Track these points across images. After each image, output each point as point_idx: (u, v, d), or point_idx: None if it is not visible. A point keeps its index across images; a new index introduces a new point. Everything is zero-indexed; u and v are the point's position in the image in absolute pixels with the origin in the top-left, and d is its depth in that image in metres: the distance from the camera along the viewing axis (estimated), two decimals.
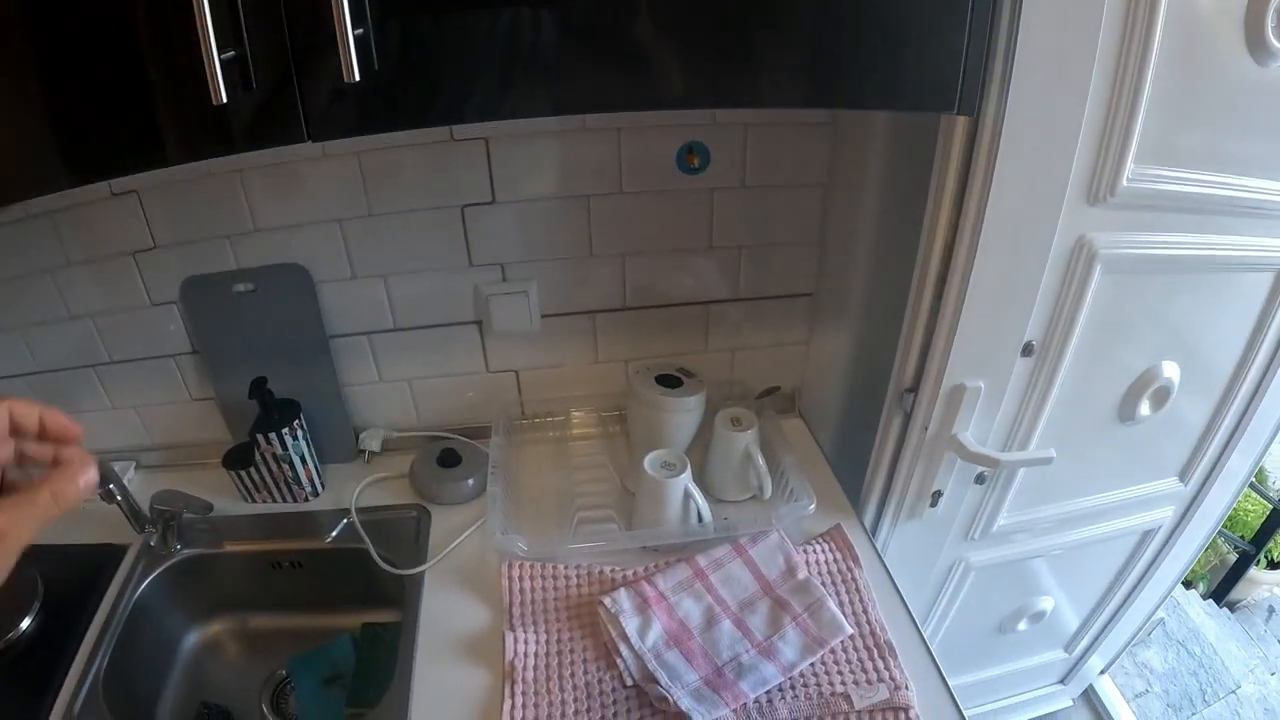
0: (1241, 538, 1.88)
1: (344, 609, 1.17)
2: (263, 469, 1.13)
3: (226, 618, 1.20)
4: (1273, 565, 1.93)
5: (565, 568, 1.01)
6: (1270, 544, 1.82)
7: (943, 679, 0.93)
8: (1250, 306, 1.08)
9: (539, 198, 1.04)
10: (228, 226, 1.08)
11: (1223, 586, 1.89)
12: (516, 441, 1.18)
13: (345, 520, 1.12)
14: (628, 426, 1.15)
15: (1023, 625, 1.35)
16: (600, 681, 0.94)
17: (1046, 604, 1.33)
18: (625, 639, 0.95)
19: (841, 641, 0.95)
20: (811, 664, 0.95)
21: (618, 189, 1.04)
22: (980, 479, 1.12)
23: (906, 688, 0.92)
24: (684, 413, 1.03)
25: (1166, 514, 1.34)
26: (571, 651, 0.96)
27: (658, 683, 0.92)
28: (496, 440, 1.10)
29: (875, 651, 0.96)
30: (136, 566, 1.13)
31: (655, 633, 0.96)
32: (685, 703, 0.90)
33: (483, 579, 1.02)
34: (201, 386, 1.21)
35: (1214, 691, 1.61)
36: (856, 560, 1.04)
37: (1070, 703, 1.53)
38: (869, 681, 0.94)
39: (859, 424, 1.16)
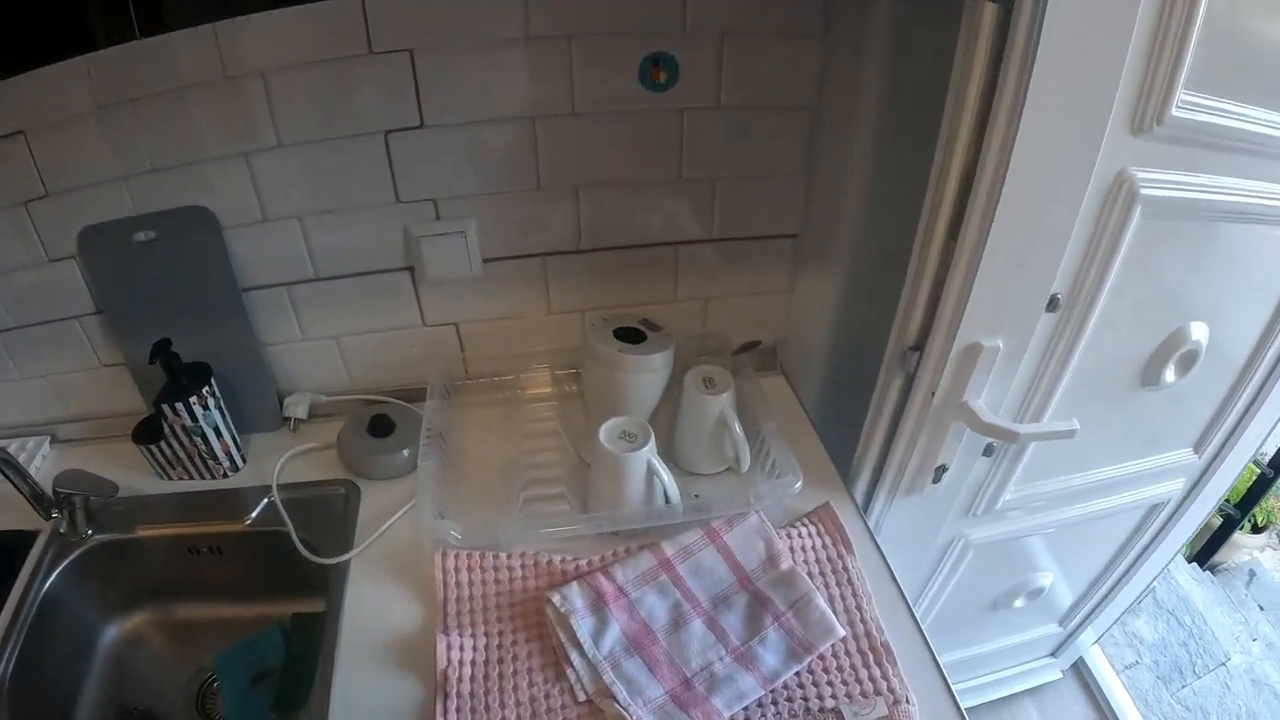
0: (1228, 501, 1.64)
1: (273, 597, 0.91)
2: (173, 443, 0.87)
3: (149, 608, 0.94)
4: (1256, 529, 1.68)
5: (509, 557, 0.74)
6: (1255, 509, 1.58)
7: (949, 690, 0.68)
8: None
9: (476, 120, 0.76)
10: (123, 166, 0.79)
11: (1205, 550, 1.65)
12: (458, 404, 0.91)
13: (266, 499, 0.85)
14: (584, 388, 0.88)
15: (1019, 602, 1.11)
16: (548, 696, 0.68)
17: (1045, 580, 1.08)
18: (577, 644, 0.69)
19: (832, 646, 0.70)
20: (797, 673, 0.69)
21: (569, 109, 0.76)
22: (988, 451, 0.86)
23: (908, 700, 0.67)
24: (647, 372, 0.77)
25: (1176, 486, 1.08)
26: (514, 659, 0.70)
27: (615, 699, 0.67)
28: (432, 404, 0.83)
29: (871, 656, 0.71)
30: (45, 555, 0.87)
31: (612, 636, 0.70)
32: None
33: (416, 569, 0.76)
34: (110, 350, 0.93)
35: (1204, 664, 1.38)
36: (848, 546, 0.78)
37: (1060, 675, 1.30)
38: (864, 694, 0.69)
39: (850, 384, 0.90)
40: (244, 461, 0.90)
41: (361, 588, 0.76)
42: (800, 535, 0.78)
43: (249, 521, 0.85)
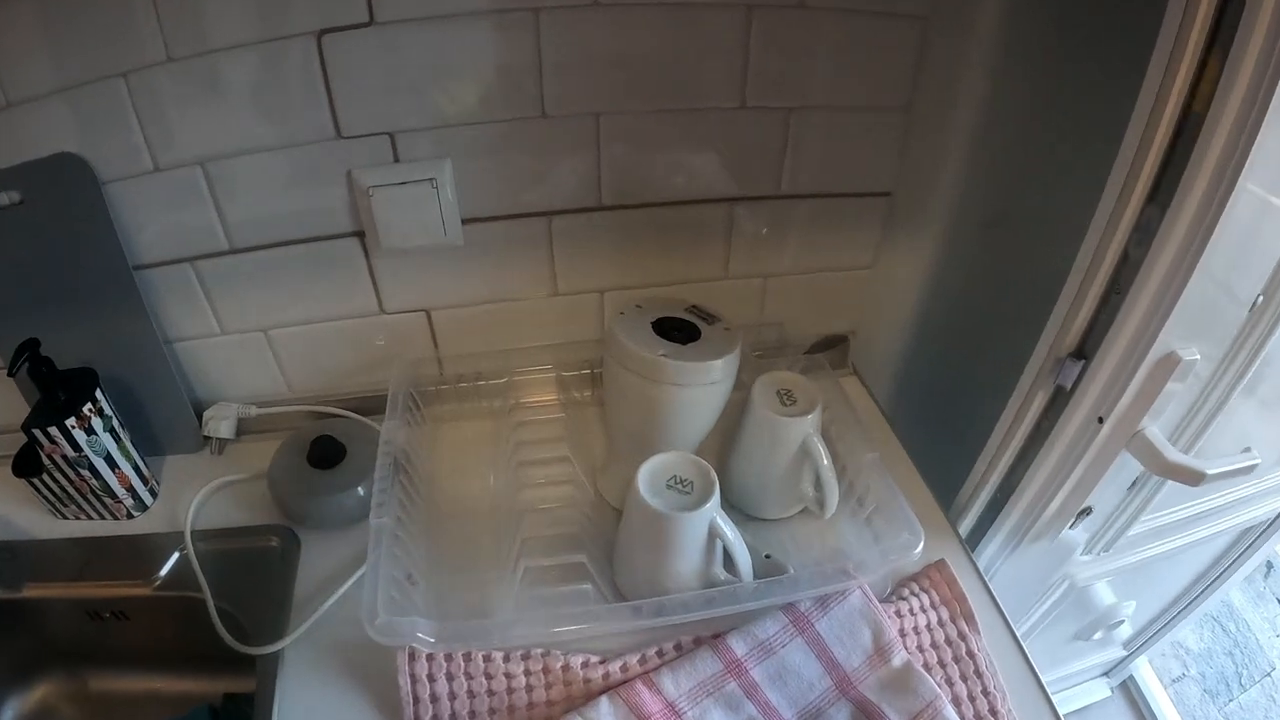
0: None
1: (200, 671, 0.59)
2: (58, 476, 0.54)
3: (56, 677, 0.61)
4: None
5: (506, 659, 0.42)
6: None
7: None
8: None
9: (450, 13, 0.42)
10: None
11: None
12: (429, 418, 0.57)
13: (178, 551, 0.53)
14: (603, 397, 0.53)
15: (1099, 634, 0.83)
16: None
17: (1129, 610, 0.79)
18: None
19: None
20: None
21: (571, 3, 0.43)
22: (1132, 484, 0.57)
23: None
24: (703, 385, 0.44)
25: (1276, 506, 0.81)
26: None
27: None
28: (392, 424, 0.49)
29: None
30: None
31: None
32: None
33: (374, 664, 0.44)
34: None
35: (1250, 674, 1.10)
36: (970, 620, 0.46)
37: (1110, 692, 1.03)
38: None
39: (949, 392, 0.60)
40: (154, 497, 0.57)
41: (300, 690, 0.44)
42: (910, 609, 0.47)
43: (157, 582, 0.53)
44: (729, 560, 0.45)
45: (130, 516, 0.57)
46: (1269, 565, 1.33)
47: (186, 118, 0.47)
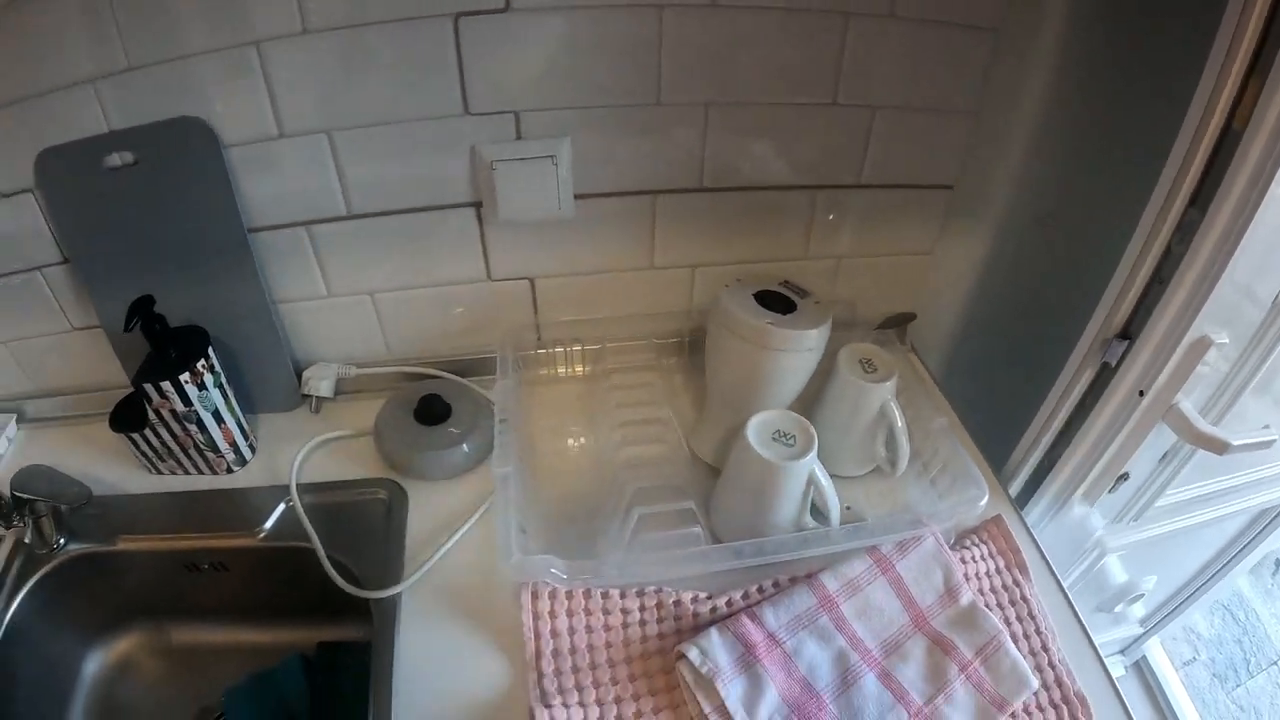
0: None
1: (292, 621, 0.64)
2: (161, 432, 0.58)
3: (138, 631, 0.66)
4: None
5: (622, 595, 0.49)
6: None
7: None
8: None
9: (581, 4, 0.47)
10: (90, 65, 0.49)
11: None
12: (527, 381, 0.63)
13: (284, 504, 0.58)
14: (702, 363, 0.59)
15: (1120, 607, 0.92)
16: None
17: (1149, 585, 0.89)
18: (725, 716, 0.45)
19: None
20: None
21: (706, 1, 0.49)
22: (1164, 455, 0.65)
23: None
24: (801, 351, 0.51)
25: None
26: None
27: None
28: (504, 384, 0.55)
29: (1065, 710, 0.48)
30: (7, 573, 0.58)
31: (770, 702, 0.46)
32: None
33: (491, 605, 0.50)
34: (82, 310, 0.63)
35: (1257, 662, 1.21)
36: (1024, 570, 0.54)
37: (1124, 671, 1.12)
38: None
39: (999, 369, 0.67)
40: (253, 452, 0.61)
41: (417, 631, 0.50)
42: (973, 559, 0.54)
43: (262, 534, 0.58)
44: (814, 509, 0.52)
45: (230, 471, 0.61)
46: (1278, 563, 1.45)
47: (321, 89, 0.51)
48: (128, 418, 0.60)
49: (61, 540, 0.60)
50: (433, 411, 0.57)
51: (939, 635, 0.50)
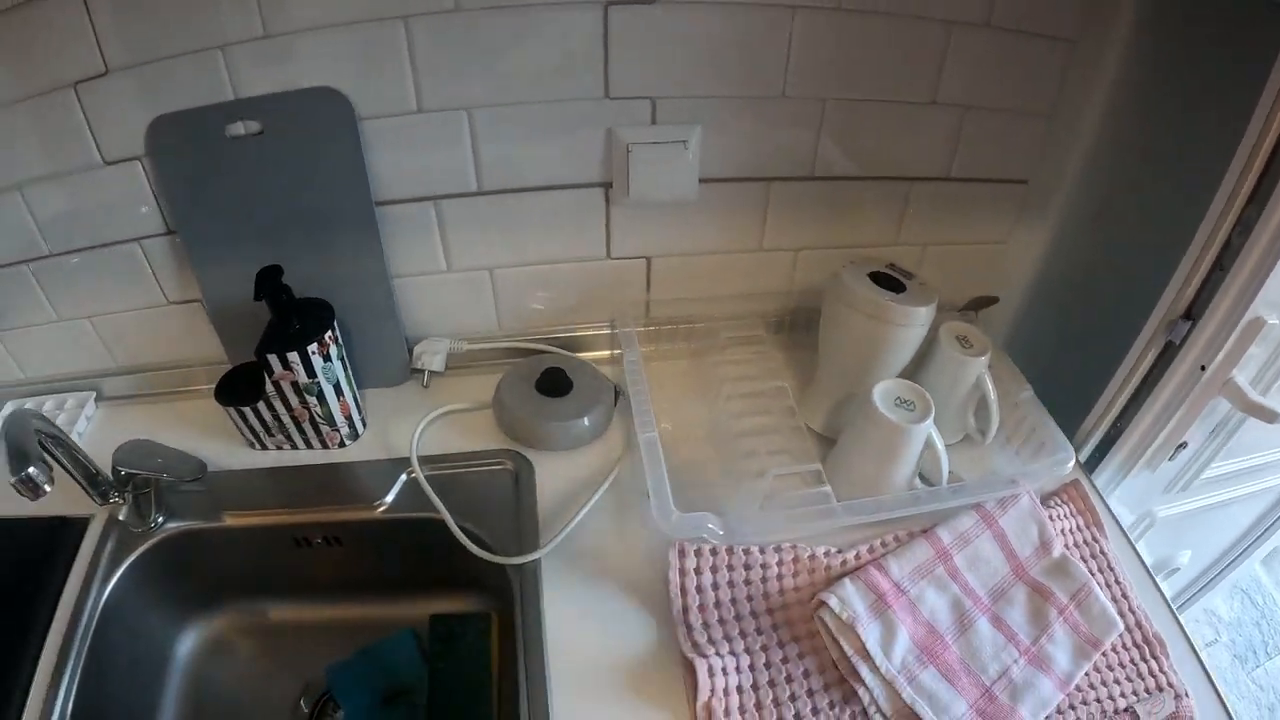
0: None
1: (396, 595, 0.66)
2: (277, 404, 0.59)
3: (231, 610, 0.67)
4: None
5: (761, 550, 0.54)
6: None
7: (1211, 682, 0.55)
8: None
9: (726, 0, 0.53)
10: (220, 31, 0.52)
11: None
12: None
13: (405, 476, 0.60)
14: (801, 339, 0.67)
15: (1158, 579, 1.01)
16: None
17: (1184, 559, 0.99)
18: (867, 657, 0.50)
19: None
20: (1085, 672, 0.55)
21: (835, 3, 0.54)
22: (1216, 426, 0.74)
23: (1186, 695, 0.53)
24: (914, 327, 0.57)
25: None
26: (788, 680, 0.50)
27: (919, 719, 0.51)
28: (631, 359, 0.60)
29: (1146, 650, 0.56)
30: (102, 551, 0.59)
31: (902, 644, 0.52)
32: None
33: (627, 565, 0.54)
34: (182, 283, 0.64)
35: (1275, 644, 1.32)
36: (1100, 527, 0.62)
37: None
38: (1148, 690, 0.56)
39: (1065, 347, 0.75)
40: (364, 426, 0.64)
41: (559, 595, 0.53)
42: (1058, 518, 0.62)
43: (383, 507, 0.60)
44: (921, 475, 0.58)
45: (342, 445, 0.63)
46: None
47: (465, 67, 0.54)
48: (236, 391, 0.61)
49: (160, 518, 0.61)
50: (556, 385, 0.61)
51: (1037, 583, 0.57)
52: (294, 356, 0.56)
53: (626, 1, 0.52)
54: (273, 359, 0.56)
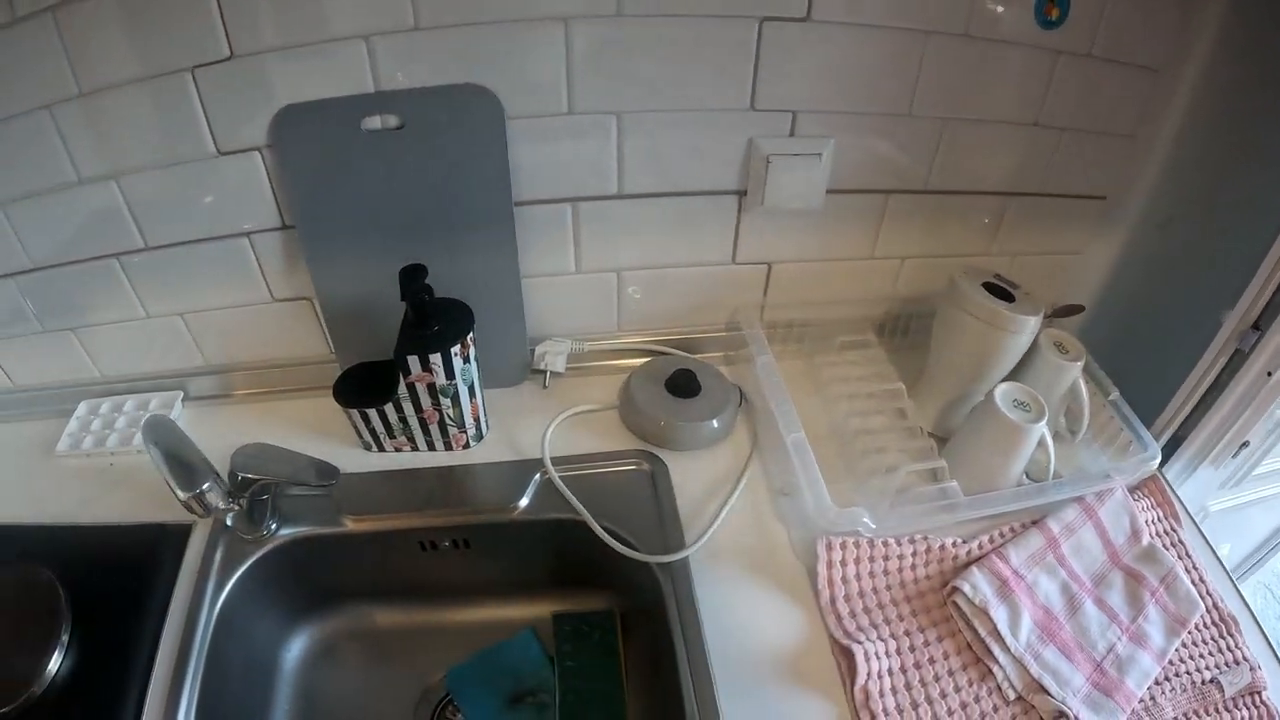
0: None
1: (512, 596, 0.71)
2: (407, 406, 0.64)
3: (345, 614, 0.71)
4: None
5: (897, 542, 0.62)
6: None
7: (1276, 655, 0.68)
8: None
9: (867, 23, 0.60)
10: (369, 20, 0.55)
11: None
12: (751, 358, 0.73)
13: (538, 477, 0.66)
14: (906, 342, 0.76)
15: None
16: (977, 699, 0.58)
17: (1224, 551, 1.13)
18: (998, 637, 0.59)
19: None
20: (1175, 648, 0.67)
21: (963, 30, 0.62)
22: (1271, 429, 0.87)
23: (1259, 667, 0.65)
24: (1025, 334, 0.66)
25: None
26: (931, 661, 0.59)
27: (1047, 692, 0.59)
28: (764, 361, 0.67)
29: (1223, 628, 0.67)
30: (212, 559, 0.62)
31: (1026, 625, 0.61)
32: (1087, 716, 0.58)
33: (765, 560, 0.62)
34: (291, 280, 0.68)
35: None
36: (1177, 518, 0.73)
37: None
38: (1227, 664, 0.67)
39: (1136, 351, 0.85)
40: (488, 428, 0.69)
41: (707, 590, 0.59)
42: (1141, 509, 0.73)
43: (516, 510, 0.65)
44: (1027, 471, 0.67)
45: (467, 446, 0.67)
46: None
47: (620, 71, 0.60)
48: (364, 392, 0.64)
49: (274, 525, 0.63)
50: (686, 386, 0.68)
51: (1131, 569, 0.67)
52: (436, 358, 0.60)
53: (780, 18, 0.59)
54: (413, 360, 0.60)
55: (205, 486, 0.50)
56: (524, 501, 0.64)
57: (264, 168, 0.63)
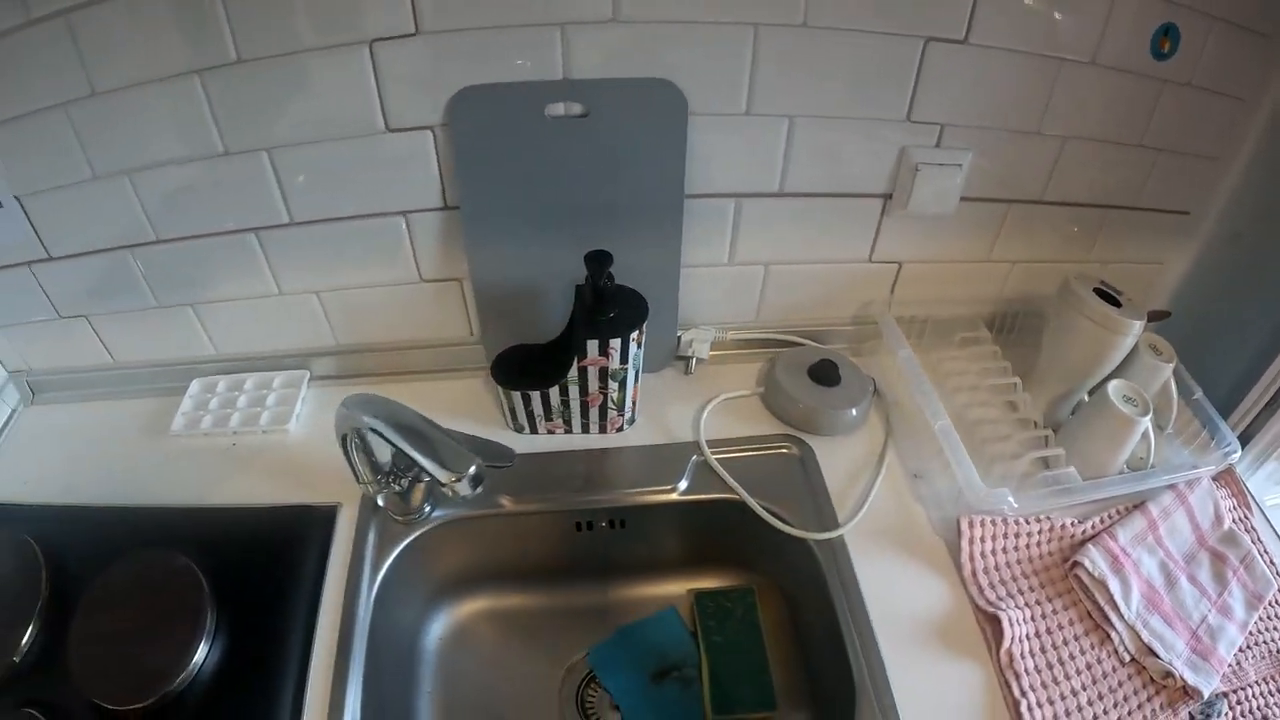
0: None
1: (650, 575, 0.84)
2: (572, 389, 0.75)
3: (483, 594, 0.82)
4: None
5: (1026, 521, 0.78)
6: None
7: None
8: None
9: (1015, 49, 0.75)
10: (568, 8, 0.67)
11: None
12: (871, 351, 0.90)
13: (694, 459, 0.79)
14: (1013, 340, 0.93)
15: None
16: (1099, 660, 0.75)
17: None
18: (1115, 606, 0.76)
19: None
20: (1254, 620, 0.84)
21: (1091, 59, 0.78)
22: None
23: None
24: (1131, 336, 0.83)
25: None
26: (1060, 628, 0.75)
27: (1156, 655, 0.76)
28: (904, 355, 0.82)
29: None
30: (364, 541, 0.72)
31: (1135, 596, 0.78)
32: (1189, 676, 0.75)
33: (910, 538, 0.77)
34: (442, 261, 0.78)
35: None
36: (1249, 506, 0.93)
37: None
38: None
39: (1195, 351, 1.03)
40: (638, 412, 0.81)
41: (866, 560, 0.74)
42: (1220, 497, 0.92)
43: (675, 491, 0.77)
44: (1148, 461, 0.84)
45: (620, 430, 0.78)
46: None
47: (794, 75, 0.73)
48: (526, 373, 0.74)
49: (428, 508, 0.72)
50: (829, 375, 0.82)
51: (1215, 550, 0.85)
52: (616, 343, 0.72)
53: (942, 39, 0.74)
54: (592, 344, 0.71)
55: (473, 469, 0.57)
56: (683, 483, 0.77)
57: (434, 147, 0.73)
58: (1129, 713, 0.72)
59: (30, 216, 0.80)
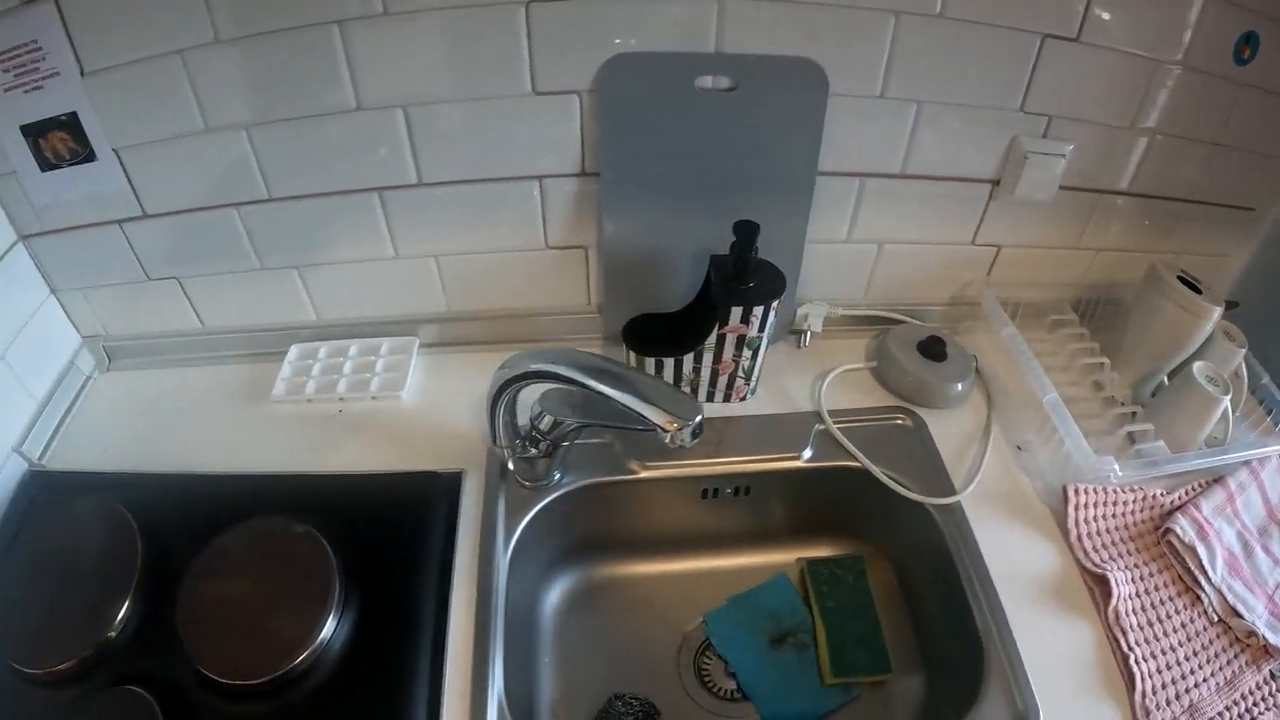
0: None
1: (762, 543, 0.92)
2: (706, 356, 0.84)
3: (596, 563, 0.89)
4: None
5: (1122, 490, 0.90)
6: None
7: None
8: None
9: (1119, 49, 0.86)
10: None
11: None
12: (968, 331, 1.01)
13: (816, 427, 0.88)
14: (1096, 323, 1.05)
15: None
16: (1192, 620, 0.86)
17: None
18: (1203, 570, 0.88)
19: None
20: None
21: (1180, 60, 0.90)
22: None
23: None
24: (1211, 321, 0.96)
25: None
26: (1156, 589, 0.87)
27: (1242, 617, 0.87)
28: (1009, 333, 0.93)
29: None
30: (494, 509, 0.79)
31: (1219, 563, 0.90)
32: (1271, 636, 0.86)
33: (1017, 504, 0.87)
34: (572, 228, 0.86)
35: None
36: None
37: None
38: None
39: (1264, 342, 1.16)
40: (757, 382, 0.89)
41: (980, 524, 0.84)
42: None
43: (799, 458, 0.85)
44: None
45: (744, 399, 0.85)
46: None
47: (923, 62, 0.82)
48: (659, 340, 0.81)
49: (558, 474, 0.78)
50: (937, 350, 0.93)
51: None
52: (758, 311, 0.80)
53: (1058, 36, 0.84)
54: (735, 311, 0.79)
55: (699, 416, 0.62)
56: (807, 451, 0.86)
57: (579, 113, 0.80)
58: (1220, 668, 0.84)
59: (128, 171, 0.84)
